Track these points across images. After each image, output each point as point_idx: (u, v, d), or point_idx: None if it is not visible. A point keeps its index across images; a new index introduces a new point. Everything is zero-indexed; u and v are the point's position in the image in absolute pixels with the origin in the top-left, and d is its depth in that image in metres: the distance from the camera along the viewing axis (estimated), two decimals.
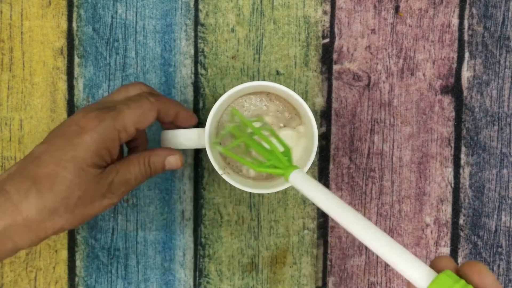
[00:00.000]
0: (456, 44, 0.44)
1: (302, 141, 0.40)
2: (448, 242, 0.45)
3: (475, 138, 0.44)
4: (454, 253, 0.45)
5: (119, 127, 0.34)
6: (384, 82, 0.44)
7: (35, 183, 0.32)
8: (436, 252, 0.45)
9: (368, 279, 0.45)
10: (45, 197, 0.31)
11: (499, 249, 0.45)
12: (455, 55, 0.44)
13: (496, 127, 0.44)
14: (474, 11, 0.44)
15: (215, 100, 0.38)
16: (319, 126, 0.44)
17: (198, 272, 0.45)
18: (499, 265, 0.45)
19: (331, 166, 0.44)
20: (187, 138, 0.39)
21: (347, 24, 0.44)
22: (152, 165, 0.37)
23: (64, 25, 0.44)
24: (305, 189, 0.29)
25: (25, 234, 0.32)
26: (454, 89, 0.44)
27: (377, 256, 0.43)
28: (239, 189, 0.44)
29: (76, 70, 0.44)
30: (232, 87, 0.38)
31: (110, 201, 0.34)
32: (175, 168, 0.38)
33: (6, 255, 0.32)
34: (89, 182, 0.33)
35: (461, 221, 0.45)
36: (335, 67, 0.44)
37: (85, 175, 0.32)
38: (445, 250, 0.45)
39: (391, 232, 0.45)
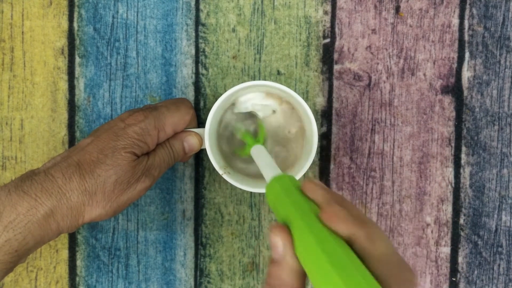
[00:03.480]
0: (456, 44, 0.44)
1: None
2: (449, 241, 0.45)
3: (476, 138, 0.44)
4: (454, 253, 0.45)
5: (159, 127, 0.37)
6: (384, 82, 0.44)
7: (79, 168, 0.35)
8: (436, 251, 0.45)
9: None
10: (86, 180, 0.34)
11: (500, 249, 0.45)
12: (456, 55, 0.44)
13: (496, 127, 0.44)
14: (475, 11, 0.44)
15: (216, 100, 0.38)
16: (320, 126, 0.44)
17: (199, 271, 0.45)
18: (499, 265, 0.45)
19: (331, 166, 0.45)
20: None
21: (348, 24, 0.44)
22: (173, 147, 0.39)
23: (65, 25, 0.44)
24: (253, 154, 0.37)
25: (67, 216, 0.34)
26: (454, 89, 0.44)
27: None
28: (240, 189, 0.44)
29: (77, 70, 0.44)
30: (233, 87, 0.38)
31: (143, 185, 0.37)
32: (195, 148, 0.40)
33: (50, 237, 0.35)
34: (125, 167, 0.35)
35: (461, 221, 0.45)
36: (336, 67, 0.44)
37: (122, 160, 0.35)
38: (446, 249, 0.45)
39: (391, 231, 0.45)
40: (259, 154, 0.36)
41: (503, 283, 0.45)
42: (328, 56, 0.44)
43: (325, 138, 0.44)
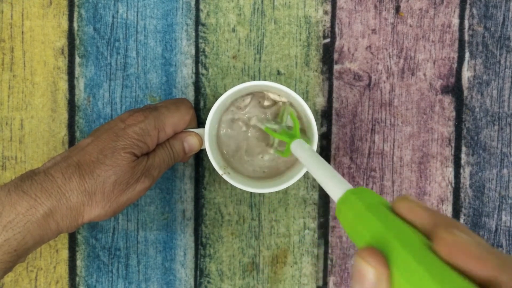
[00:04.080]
0: (456, 44, 0.44)
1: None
2: None
3: (476, 138, 0.44)
4: None
5: (159, 127, 0.37)
6: (384, 82, 0.44)
7: (78, 168, 0.35)
8: None
9: None
10: (85, 180, 0.34)
11: (500, 249, 0.45)
12: (456, 55, 0.44)
13: (496, 127, 0.44)
14: (475, 11, 0.44)
15: (216, 100, 0.38)
16: (320, 126, 0.44)
17: (199, 271, 0.45)
18: None
19: (332, 166, 0.44)
20: None
21: (348, 24, 0.44)
22: (173, 147, 0.39)
23: (65, 24, 0.44)
24: (295, 151, 0.34)
25: (66, 216, 0.34)
26: (454, 89, 0.44)
27: None
28: (240, 189, 0.44)
29: (77, 70, 0.44)
30: (233, 87, 0.38)
31: (143, 185, 0.37)
32: (195, 148, 0.40)
33: (50, 237, 0.35)
34: (124, 167, 0.35)
35: (461, 221, 0.45)
36: (336, 67, 0.44)
37: (121, 160, 0.35)
38: None
39: None
40: (304, 152, 0.32)
41: None
42: (328, 56, 0.44)
43: (325, 138, 0.44)
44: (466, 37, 0.44)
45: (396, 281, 0.19)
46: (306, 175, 0.45)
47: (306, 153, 0.32)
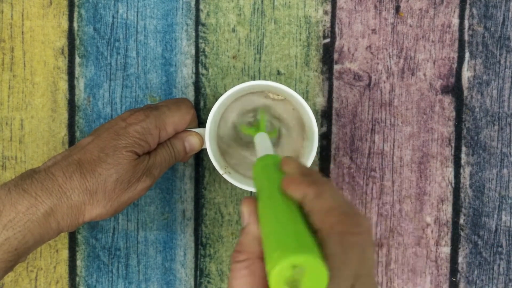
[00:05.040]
0: (456, 44, 0.44)
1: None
2: (449, 241, 0.45)
3: (476, 138, 0.44)
4: (454, 253, 0.45)
5: (160, 126, 0.37)
6: (384, 82, 0.44)
7: (79, 167, 0.35)
8: (436, 251, 0.45)
9: None
10: (86, 178, 0.34)
11: (499, 249, 0.45)
12: (456, 55, 0.44)
13: (496, 127, 0.44)
14: (475, 11, 0.44)
15: (216, 100, 0.38)
16: (320, 126, 0.44)
17: (199, 271, 0.45)
18: (499, 265, 0.45)
19: (331, 166, 0.45)
20: None
21: (348, 24, 0.44)
22: (174, 147, 0.39)
23: (65, 25, 0.44)
24: (255, 142, 0.37)
25: (67, 215, 0.34)
26: (454, 89, 0.44)
27: (378, 257, 0.43)
28: (240, 189, 0.44)
29: (77, 70, 0.44)
30: (233, 87, 0.38)
31: (144, 184, 0.37)
32: (196, 148, 0.40)
33: (50, 236, 0.35)
34: (126, 166, 0.35)
35: (461, 221, 0.45)
36: (336, 67, 0.44)
37: (123, 159, 0.35)
38: (446, 249, 0.45)
39: (391, 231, 0.45)
40: (260, 141, 0.37)
41: (503, 283, 0.45)
42: (328, 56, 0.44)
43: (325, 138, 0.45)
44: (466, 37, 0.44)
45: (260, 211, 0.26)
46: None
47: (259, 139, 0.37)
